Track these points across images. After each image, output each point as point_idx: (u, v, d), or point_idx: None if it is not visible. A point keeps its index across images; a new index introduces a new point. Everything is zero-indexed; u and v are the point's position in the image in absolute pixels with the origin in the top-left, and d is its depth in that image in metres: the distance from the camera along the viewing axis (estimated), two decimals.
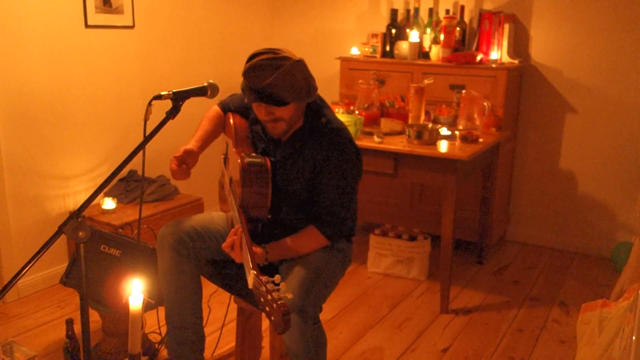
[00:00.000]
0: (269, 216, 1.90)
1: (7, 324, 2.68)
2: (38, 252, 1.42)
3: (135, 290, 1.45)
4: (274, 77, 1.72)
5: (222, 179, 2.19)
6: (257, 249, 1.82)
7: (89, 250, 2.28)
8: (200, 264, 2.00)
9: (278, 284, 1.43)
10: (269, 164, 1.86)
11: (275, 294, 1.39)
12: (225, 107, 2.14)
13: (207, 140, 2.08)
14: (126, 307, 2.01)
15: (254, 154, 1.90)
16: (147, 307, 2.18)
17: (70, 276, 2.38)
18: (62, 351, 2.32)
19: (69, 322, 2.18)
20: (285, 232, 1.92)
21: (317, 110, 1.92)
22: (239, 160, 1.85)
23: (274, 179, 1.90)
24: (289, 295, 1.42)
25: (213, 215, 2.10)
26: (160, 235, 1.99)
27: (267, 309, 1.41)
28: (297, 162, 1.89)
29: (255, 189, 1.83)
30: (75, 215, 1.41)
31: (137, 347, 1.45)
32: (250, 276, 1.53)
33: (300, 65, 1.79)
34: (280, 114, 1.81)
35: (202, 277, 2.04)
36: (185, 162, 1.97)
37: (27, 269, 1.39)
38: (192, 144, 2.02)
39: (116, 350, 2.34)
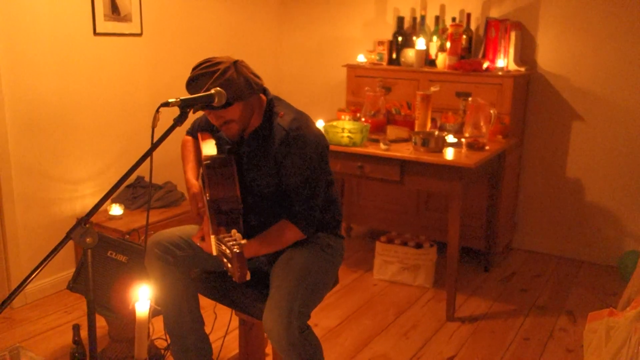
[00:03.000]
0: (242, 205, 1.91)
1: (14, 329, 2.70)
2: (46, 258, 1.43)
3: (142, 297, 1.46)
4: (210, 82, 1.76)
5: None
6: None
7: (96, 256, 2.29)
8: (190, 270, 2.03)
9: (234, 237, 1.52)
10: (232, 156, 1.92)
11: (230, 243, 1.49)
12: (194, 132, 2.20)
13: (198, 167, 2.13)
14: (133, 313, 2.02)
15: (218, 155, 1.97)
16: (154, 313, 2.19)
17: (77, 282, 2.39)
18: (68, 357, 2.33)
19: (76, 328, 2.19)
20: (257, 223, 1.96)
21: (273, 107, 1.95)
22: (203, 162, 1.90)
23: (242, 177, 1.95)
24: (243, 241, 1.50)
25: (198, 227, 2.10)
26: (148, 247, 2.01)
27: (229, 264, 1.51)
28: (261, 159, 1.92)
29: (220, 172, 1.86)
30: (83, 221, 1.42)
31: (144, 353, 1.45)
32: (213, 243, 1.64)
33: (236, 65, 1.82)
34: (229, 116, 1.85)
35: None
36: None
37: (34, 275, 1.40)
38: (193, 181, 2.05)
39: (122, 356, 2.34)
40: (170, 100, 1.71)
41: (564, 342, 2.71)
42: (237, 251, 1.45)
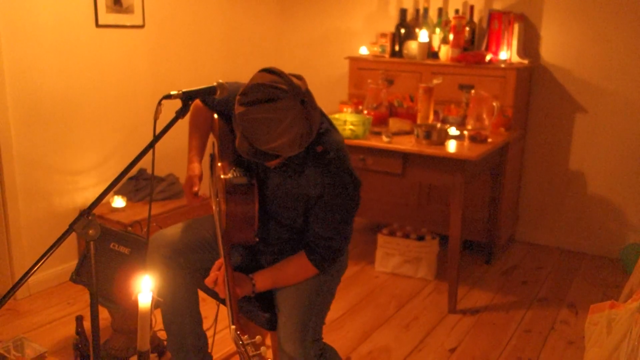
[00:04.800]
0: (257, 239, 1.82)
1: (18, 320, 2.71)
2: (49, 250, 1.43)
3: (144, 288, 1.46)
4: (274, 138, 1.53)
5: (212, 188, 2.11)
6: (241, 287, 1.74)
7: (98, 248, 2.29)
8: (193, 274, 1.96)
9: (259, 348, 1.37)
10: (254, 183, 1.74)
11: (252, 356, 1.34)
12: (208, 103, 2.00)
13: (204, 147, 2.03)
14: (135, 304, 2.02)
15: (239, 170, 1.78)
16: (156, 304, 2.19)
17: (80, 273, 2.40)
18: (71, 347, 2.34)
19: (79, 319, 2.20)
20: (276, 249, 1.87)
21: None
22: (222, 176, 1.76)
23: (263, 205, 1.80)
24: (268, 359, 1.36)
25: (203, 222, 2.03)
26: (150, 249, 1.93)
27: None
28: (290, 191, 1.76)
29: (240, 210, 1.71)
30: (86, 213, 1.42)
31: (146, 345, 1.46)
32: (232, 331, 1.48)
33: (305, 110, 1.55)
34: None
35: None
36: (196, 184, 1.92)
37: (38, 266, 1.41)
38: (195, 164, 1.95)
39: (125, 347, 2.36)
40: (172, 93, 1.70)
41: (565, 335, 2.71)
42: None
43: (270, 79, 1.55)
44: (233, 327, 1.48)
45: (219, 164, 1.86)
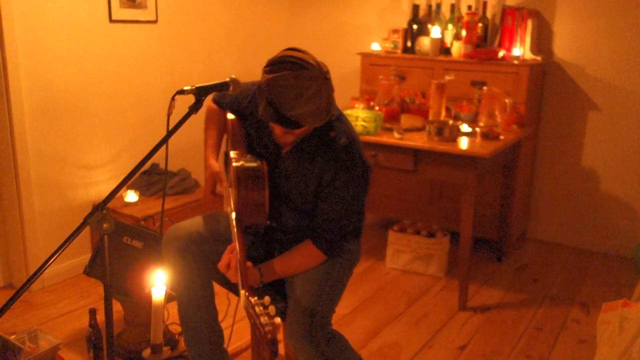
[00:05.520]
0: (268, 222, 1.84)
1: (32, 312, 2.75)
2: (64, 244, 1.45)
3: (158, 282, 1.47)
4: (297, 101, 1.62)
5: (225, 180, 2.18)
6: (249, 277, 1.76)
7: (112, 241, 2.32)
8: (207, 268, 1.98)
9: (267, 307, 1.39)
10: (265, 168, 1.80)
11: (263, 319, 1.35)
12: (222, 104, 2.10)
13: (219, 146, 2.09)
14: (148, 298, 2.05)
15: (249, 157, 1.84)
16: (169, 298, 2.21)
17: (93, 267, 2.42)
18: (84, 340, 2.37)
19: (92, 312, 2.22)
20: (287, 234, 1.89)
21: (327, 125, 1.81)
22: (233, 164, 1.81)
23: (274, 188, 1.84)
24: (277, 320, 1.36)
25: (218, 216, 2.06)
26: (165, 241, 1.95)
27: (257, 332, 1.38)
28: (300, 174, 1.82)
29: (251, 194, 1.76)
30: (100, 207, 1.44)
31: (159, 337, 1.48)
32: (242, 296, 1.50)
33: (326, 84, 1.67)
34: (295, 132, 1.74)
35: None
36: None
37: (53, 260, 1.43)
38: (213, 161, 2.00)
39: (137, 340, 2.38)
40: (185, 88, 1.71)
41: (576, 333, 2.70)
42: (270, 338, 1.30)
43: (297, 54, 1.66)
44: (243, 291, 1.50)
45: (232, 153, 1.91)
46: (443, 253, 3.24)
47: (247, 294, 1.48)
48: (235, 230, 1.77)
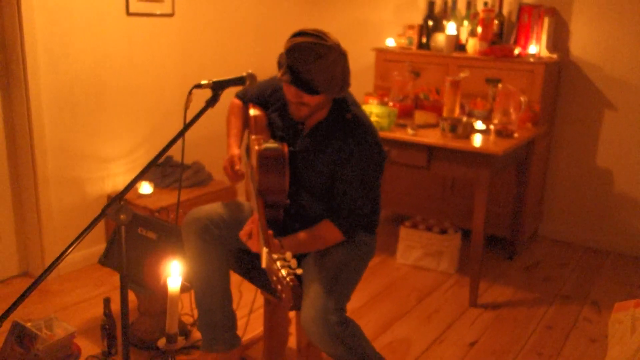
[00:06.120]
0: (288, 201, 1.89)
1: (48, 300, 2.79)
2: (82, 234, 1.48)
3: (173, 273, 1.50)
4: (315, 65, 1.73)
5: (247, 170, 2.23)
6: (273, 241, 1.79)
7: (127, 232, 2.35)
8: (226, 252, 2.03)
9: (288, 261, 1.44)
10: (285, 149, 1.88)
11: (285, 270, 1.41)
12: (245, 99, 2.18)
13: (241, 137, 2.14)
14: (163, 288, 2.07)
15: (271, 140, 1.94)
16: (183, 289, 2.24)
17: (108, 256, 2.46)
18: (99, 328, 2.41)
19: (106, 301, 2.26)
20: (306, 224, 1.91)
21: (343, 105, 1.91)
22: (256, 147, 1.89)
23: (294, 169, 1.91)
24: (299, 271, 1.42)
25: (241, 204, 2.13)
26: (186, 221, 2.01)
27: (279, 286, 1.42)
28: (318, 156, 1.89)
29: (273, 174, 1.84)
30: (118, 198, 1.47)
31: (175, 327, 1.50)
32: (263, 254, 1.55)
33: (343, 59, 1.79)
34: (307, 100, 1.82)
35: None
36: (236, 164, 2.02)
37: (71, 249, 1.46)
38: (235, 148, 2.06)
39: (151, 329, 2.41)
40: (202, 82, 1.74)
41: (587, 332, 2.70)
42: (292, 284, 1.37)
43: (319, 30, 1.82)
44: (265, 249, 1.53)
45: (253, 137, 1.99)
46: (454, 250, 3.25)
47: (268, 250, 1.51)
48: (257, 200, 1.82)
